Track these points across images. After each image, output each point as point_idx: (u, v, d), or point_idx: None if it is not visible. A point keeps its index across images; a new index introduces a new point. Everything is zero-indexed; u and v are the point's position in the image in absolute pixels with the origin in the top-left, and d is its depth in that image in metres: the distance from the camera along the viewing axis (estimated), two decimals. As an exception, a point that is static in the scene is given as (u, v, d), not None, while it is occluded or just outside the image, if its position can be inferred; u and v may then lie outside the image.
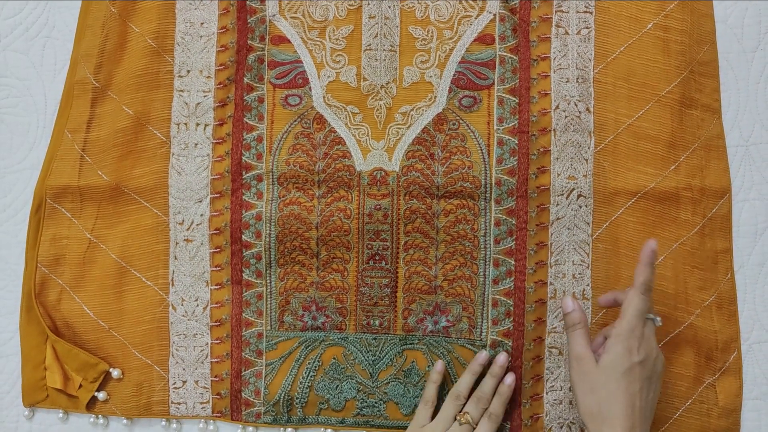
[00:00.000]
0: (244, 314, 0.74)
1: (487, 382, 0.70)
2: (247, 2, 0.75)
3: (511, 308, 0.73)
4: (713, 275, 0.73)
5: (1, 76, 0.78)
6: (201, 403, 0.74)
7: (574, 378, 0.65)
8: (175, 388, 0.74)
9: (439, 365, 0.72)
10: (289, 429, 0.74)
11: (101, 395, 0.74)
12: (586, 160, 0.73)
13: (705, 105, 0.74)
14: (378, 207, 0.74)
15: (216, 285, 0.75)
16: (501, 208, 0.73)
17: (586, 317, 0.67)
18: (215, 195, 0.75)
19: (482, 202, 0.73)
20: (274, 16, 0.75)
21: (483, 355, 0.71)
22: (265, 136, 0.75)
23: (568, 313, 0.67)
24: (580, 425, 0.72)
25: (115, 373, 0.74)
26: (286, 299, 0.74)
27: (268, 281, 0.74)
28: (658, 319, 0.65)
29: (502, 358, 0.71)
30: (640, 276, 0.64)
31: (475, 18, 0.74)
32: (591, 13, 0.74)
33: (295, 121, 0.75)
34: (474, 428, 0.68)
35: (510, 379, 0.70)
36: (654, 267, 0.64)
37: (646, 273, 0.64)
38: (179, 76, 0.75)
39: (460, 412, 0.69)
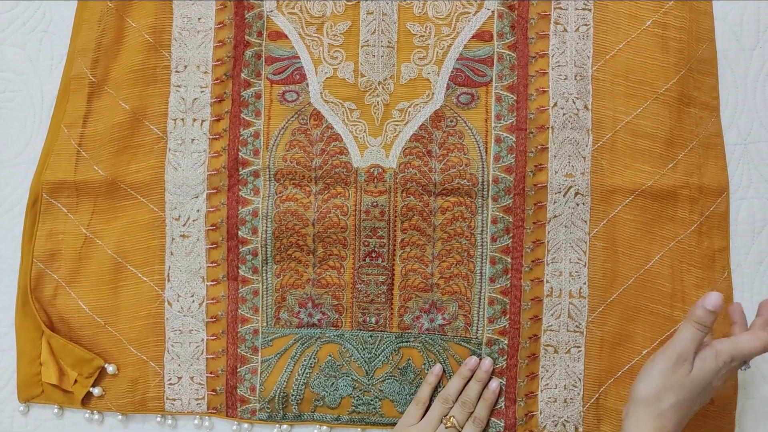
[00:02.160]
0: (239, 310, 0.74)
1: (473, 387, 0.71)
2: (245, -2, 0.75)
3: (507, 306, 0.72)
4: (710, 274, 0.73)
5: (-2, 71, 0.78)
6: (196, 399, 0.74)
7: (659, 366, 0.61)
8: (170, 384, 0.74)
9: (437, 369, 0.72)
10: (285, 426, 0.74)
11: (96, 391, 0.74)
12: (584, 158, 0.73)
13: (703, 103, 0.74)
14: (375, 204, 0.73)
15: (212, 281, 0.75)
16: (498, 205, 0.73)
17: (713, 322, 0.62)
18: (212, 191, 0.75)
19: (479, 200, 0.73)
20: (271, 11, 0.75)
21: (473, 361, 0.72)
22: (262, 132, 0.74)
23: (706, 309, 0.61)
24: (574, 423, 0.72)
25: (111, 368, 0.74)
26: (282, 296, 0.74)
27: (264, 278, 0.74)
28: (746, 367, 0.64)
29: (487, 363, 0.71)
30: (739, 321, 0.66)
31: (474, 15, 0.74)
32: (590, 10, 0.74)
33: (293, 117, 0.74)
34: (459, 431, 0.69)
35: (495, 384, 0.71)
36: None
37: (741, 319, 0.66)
38: (176, 71, 0.75)
39: (447, 415, 0.69)
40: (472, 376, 0.71)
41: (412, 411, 0.71)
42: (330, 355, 0.74)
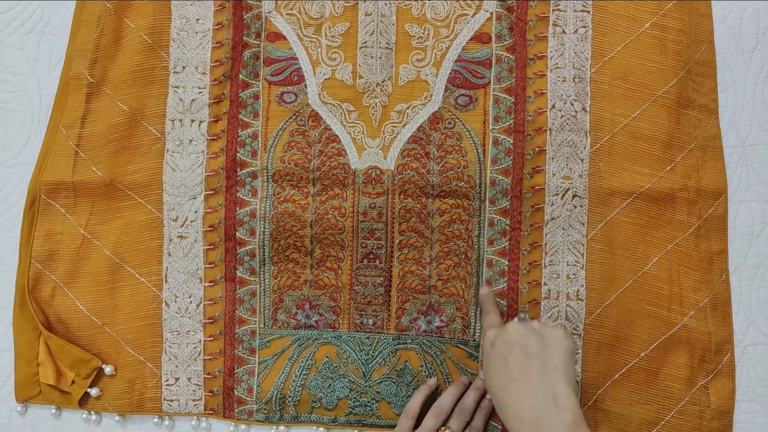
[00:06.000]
0: (237, 312, 0.74)
1: (470, 395, 0.70)
2: (243, -1, 0.75)
3: (505, 308, 0.72)
4: (708, 276, 0.72)
5: (-3, 71, 0.78)
6: (193, 400, 0.74)
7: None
8: (168, 385, 0.74)
9: (432, 381, 0.72)
10: (282, 427, 0.74)
11: (94, 391, 0.74)
12: (582, 160, 0.73)
13: (702, 105, 0.73)
14: (373, 205, 0.73)
15: (209, 282, 0.75)
16: (495, 208, 0.73)
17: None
18: (209, 192, 0.74)
19: (477, 202, 0.73)
20: (270, 12, 0.75)
21: (467, 379, 0.71)
22: (260, 133, 0.74)
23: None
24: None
25: (108, 369, 0.74)
26: (279, 297, 0.74)
27: (262, 279, 0.74)
28: (522, 315, 0.67)
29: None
30: (483, 306, 0.71)
31: (472, 16, 0.74)
32: (588, 12, 0.73)
33: (291, 118, 0.74)
34: None
35: None
36: (494, 302, 0.71)
37: (486, 305, 0.70)
38: (174, 72, 0.75)
39: (442, 426, 0.68)
40: (466, 389, 0.70)
41: (404, 423, 0.69)
42: (327, 357, 0.74)
